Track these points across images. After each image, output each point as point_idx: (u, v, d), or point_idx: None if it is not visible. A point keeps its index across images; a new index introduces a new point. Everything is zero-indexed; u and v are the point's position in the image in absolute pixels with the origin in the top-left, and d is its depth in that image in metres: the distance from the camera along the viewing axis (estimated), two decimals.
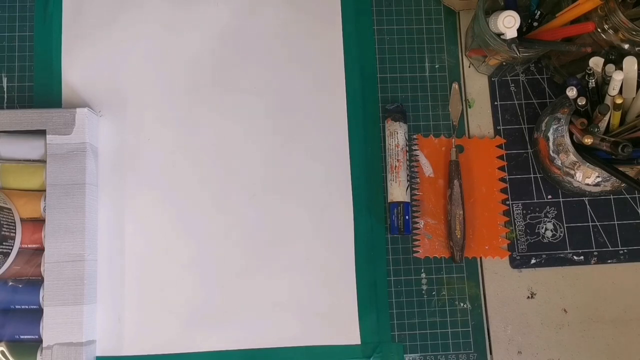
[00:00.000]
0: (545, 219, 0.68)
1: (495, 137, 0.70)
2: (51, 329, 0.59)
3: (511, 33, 0.59)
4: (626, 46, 0.61)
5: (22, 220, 0.62)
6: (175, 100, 0.68)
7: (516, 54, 0.59)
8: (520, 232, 0.68)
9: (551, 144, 0.64)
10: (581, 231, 0.68)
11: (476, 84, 0.71)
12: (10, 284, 0.61)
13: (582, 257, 0.68)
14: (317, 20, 0.70)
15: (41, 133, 0.63)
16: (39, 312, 0.61)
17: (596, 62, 0.59)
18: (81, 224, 0.61)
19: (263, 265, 0.66)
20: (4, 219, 0.59)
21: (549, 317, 0.66)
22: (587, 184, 0.63)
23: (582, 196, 0.68)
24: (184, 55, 0.69)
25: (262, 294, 0.65)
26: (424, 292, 0.66)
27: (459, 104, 0.70)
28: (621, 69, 0.57)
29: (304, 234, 0.66)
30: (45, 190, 0.62)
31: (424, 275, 0.67)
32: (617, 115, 0.59)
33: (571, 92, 0.58)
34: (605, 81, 0.59)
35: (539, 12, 0.62)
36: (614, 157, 0.59)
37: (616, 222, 0.68)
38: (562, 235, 0.68)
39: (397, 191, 0.66)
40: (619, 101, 0.57)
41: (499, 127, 0.70)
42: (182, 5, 0.70)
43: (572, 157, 0.61)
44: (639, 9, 0.61)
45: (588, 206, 0.69)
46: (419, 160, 0.68)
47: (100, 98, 0.68)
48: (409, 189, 0.66)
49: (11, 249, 0.60)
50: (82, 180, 0.62)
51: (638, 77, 0.58)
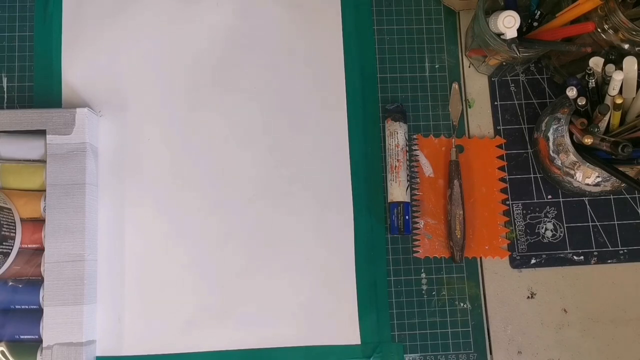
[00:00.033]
0: (545, 219, 0.68)
1: (495, 137, 0.70)
2: (51, 329, 0.59)
3: (511, 33, 0.59)
4: (626, 46, 0.61)
5: (22, 220, 0.62)
6: (175, 100, 0.68)
7: (516, 54, 0.59)
8: (520, 232, 0.68)
9: (551, 144, 0.64)
10: (581, 231, 0.68)
11: (476, 84, 0.71)
12: (10, 284, 0.61)
13: (582, 257, 0.67)
14: (317, 20, 0.70)
15: (41, 133, 0.63)
16: (39, 312, 0.61)
17: (596, 62, 0.59)
18: (81, 224, 0.61)
19: (263, 265, 0.66)
20: (4, 219, 0.59)
21: (549, 317, 0.66)
22: (587, 184, 0.63)
23: (582, 196, 0.68)
24: (183, 55, 0.69)
25: (262, 294, 0.65)
26: (424, 292, 0.66)
27: (459, 104, 0.70)
28: (621, 69, 0.57)
29: (304, 234, 0.66)
30: (45, 190, 0.62)
31: (424, 275, 0.67)
32: (617, 115, 0.59)
33: (571, 92, 0.58)
34: (605, 81, 0.59)
35: (539, 12, 0.62)
36: (614, 157, 0.59)
37: (616, 222, 0.68)
38: (562, 235, 0.68)
39: (397, 191, 0.66)
40: (619, 101, 0.57)
41: (499, 127, 0.70)
42: (182, 5, 0.70)
43: (572, 157, 0.61)
44: (639, 9, 0.61)
45: (588, 206, 0.69)
46: (419, 160, 0.68)
47: (100, 98, 0.68)
48: (409, 189, 0.66)
49: (11, 249, 0.60)
50: (82, 180, 0.62)
51: (638, 77, 0.58)
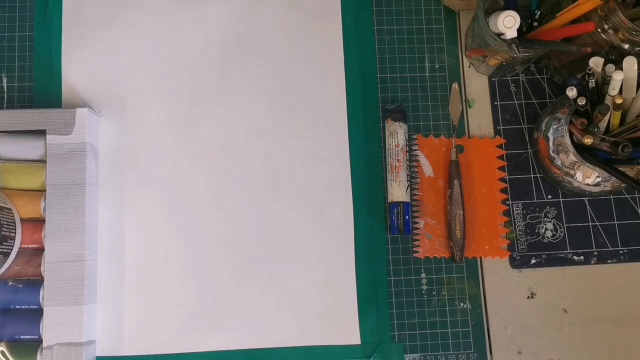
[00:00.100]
0: (545, 219, 0.68)
1: (495, 137, 0.70)
2: (51, 329, 0.59)
3: (511, 33, 0.59)
4: (626, 46, 0.61)
5: (22, 220, 0.62)
6: (175, 100, 0.68)
7: (516, 54, 0.59)
8: (520, 232, 0.68)
9: (551, 144, 0.64)
10: (581, 231, 0.68)
11: (476, 84, 0.71)
12: (10, 284, 0.61)
13: (582, 257, 0.67)
14: (317, 20, 0.70)
15: (41, 133, 0.63)
16: (39, 312, 0.61)
17: (596, 62, 0.59)
18: (81, 224, 0.61)
19: (263, 265, 0.65)
20: (4, 219, 0.59)
21: (549, 317, 0.66)
22: (587, 184, 0.63)
23: (582, 196, 0.68)
24: (184, 55, 0.69)
25: (262, 294, 0.65)
26: (424, 292, 0.66)
27: (459, 104, 0.70)
28: (621, 69, 0.57)
29: (304, 234, 0.66)
30: (45, 190, 0.62)
31: (424, 275, 0.66)
32: (617, 115, 0.59)
33: (571, 92, 0.58)
34: (605, 81, 0.59)
35: (539, 12, 0.62)
36: (614, 157, 0.59)
37: (616, 222, 0.68)
38: (562, 235, 0.68)
39: (397, 191, 0.66)
40: (619, 101, 0.57)
41: (499, 127, 0.70)
42: (182, 5, 0.70)
43: (572, 157, 0.61)
44: (639, 9, 0.61)
45: (588, 206, 0.69)
46: (419, 160, 0.68)
47: (100, 98, 0.68)
48: (409, 189, 0.66)
49: (11, 249, 0.60)
50: (82, 180, 0.62)
51: (638, 77, 0.58)
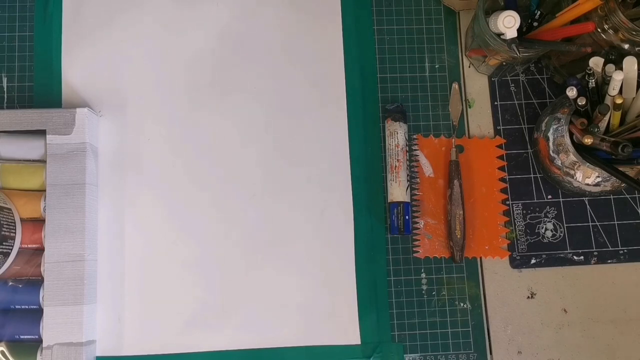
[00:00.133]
0: (545, 219, 0.68)
1: (495, 137, 0.70)
2: (51, 329, 0.59)
3: (511, 33, 0.59)
4: (626, 46, 0.61)
5: (22, 220, 0.62)
6: (175, 100, 0.68)
7: (516, 54, 0.59)
8: (520, 232, 0.68)
9: (551, 144, 0.64)
10: (581, 231, 0.68)
11: (476, 84, 0.71)
12: (10, 284, 0.61)
13: (582, 257, 0.67)
14: (317, 20, 0.70)
15: (41, 133, 0.63)
16: (39, 312, 0.61)
17: (596, 62, 0.59)
18: (81, 224, 0.61)
19: (263, 266, 0.65)
20: (4, 219, 0.59)
21: (549, 317, 0.66)
22: (587, 184, 0.63)
23: (582, 196, 0.68)
24: (184, 55, 0.69)
25: (262, 294, 0.65)
26: (424, 292, 0.66)
27: (459, 104, 0.70)
28: (621, 69, 0.57)
29: (304, 234, 0.66)
30: (45, 190, 0.62)
31: (424, 275, 0.66)
32: (617, 115, 0.59)
33: (571, 92, 0.58)
34: (605, 81, 0.59)
35: (539, 12, 0.62)
36: (614, 157, 0.59)
37: (616, 222, 0.68)
38: (562, 235, 0.68)
39: (397, 191, 0.66)
40: (619, 101, 0.57)
41: (499, 127, 0.70)
42: (182, 5, 0.70)
43: (572, 157, 0.61)
44: (639, 9, 0.61)
45: (588, 206, 0.69)
46: (419, 160, 0.68)
47: (100, 98, 0.68)
48: (409, 189, 0.66)
49: (11, 249, 0.60)
50: (82, 180, 0.62)
51: (638, 77, 0.58)
